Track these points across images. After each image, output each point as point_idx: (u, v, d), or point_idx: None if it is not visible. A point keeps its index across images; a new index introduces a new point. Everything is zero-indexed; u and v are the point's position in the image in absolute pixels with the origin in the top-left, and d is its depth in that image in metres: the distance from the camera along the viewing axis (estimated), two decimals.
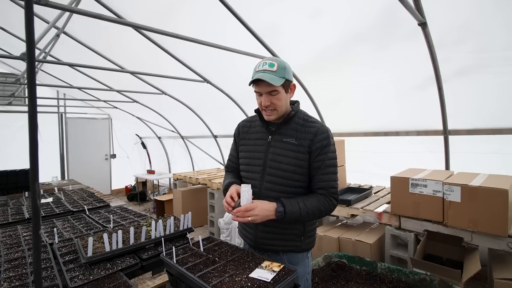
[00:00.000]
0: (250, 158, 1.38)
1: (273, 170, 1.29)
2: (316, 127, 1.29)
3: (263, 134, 1.36)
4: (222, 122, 5.15)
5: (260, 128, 1.39)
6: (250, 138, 1.41)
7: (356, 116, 3.47)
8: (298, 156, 1.26)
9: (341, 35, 2.66)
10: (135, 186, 7.23)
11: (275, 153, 1.30)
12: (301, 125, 1.31)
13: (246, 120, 1.51)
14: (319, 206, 1.24)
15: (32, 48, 0.67)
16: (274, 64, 1.21)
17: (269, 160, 1.31)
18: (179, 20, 2.92)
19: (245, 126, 1.48)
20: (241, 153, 1.45)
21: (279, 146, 1.30)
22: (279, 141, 1.31)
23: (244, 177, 1.40)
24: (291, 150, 1.28)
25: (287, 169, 1.27)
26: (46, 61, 3.06)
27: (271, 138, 1.33)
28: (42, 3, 1.51)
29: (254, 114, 1.44)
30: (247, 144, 1.42)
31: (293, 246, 1.32)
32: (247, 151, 1.41)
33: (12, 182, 3.66)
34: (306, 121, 1.33)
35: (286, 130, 1.31)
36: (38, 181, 0.69)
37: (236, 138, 1.51)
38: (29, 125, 0.67)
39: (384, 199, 2.88)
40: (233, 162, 1.52)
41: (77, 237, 1.67)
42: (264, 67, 1.21)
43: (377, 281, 1.92)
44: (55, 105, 6.61)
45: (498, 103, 2.49)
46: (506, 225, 1.87)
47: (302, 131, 1.29)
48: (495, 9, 2.02)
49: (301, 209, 1.20)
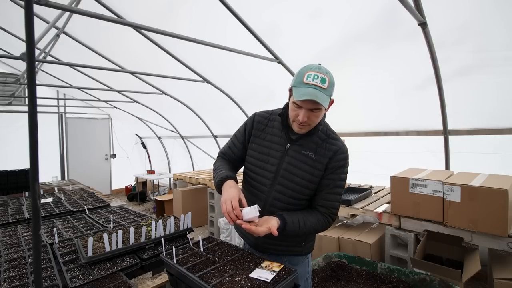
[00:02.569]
0: (262, 161, 1.28)
1: (285, 180, 1.23)
2: (338, 146, 1.24)
3: (281, 139, 1.27)
4: (222, 122, 5.15)
5: (279, 132, 1.28)
6: (265, 139, 1.30)
7: (356, 116, 3.47)
8: (314, 172, 1.21)
9: (341, 35, 2.66)
10: (135, 186, 7.23)
11: (290, 163, 1.23)
12: (322, 140, 1.24)
13: (262, 116, 1.35)
14: (317, 226, 1.22)
15: (32, 48, 0.66)
16: (326, 80, 1.08)
17: (283, 169, 1.24)
18: (179, 20, 2.92)
19: (261, 122, 1.33)
20: (250, 151, 1.33)
21: (297, 158, 1.23)
22: (297, 152, 1.23)
23: (251, 178, 1.32)
24: (308, 164, 1.22)
25: (300, 183, 1.22)
26: (46, 61, 3.07)
27: (289, 146, 1.25)
28: (42, 3, 1.51)
29: (271, 112, 1.35)
30: (260, 144, 1.31)
31: (294, 251, 1.33)
32: (260, 152, 1.30)
33: (12, 182, 3.66)
34: (328, 136, 1.26)
35: (307, 142, 1.24)
36: (38, 181, 0.69)
37: (247, 130, 1.35)
38: (29, 125, 0.67)
39: (384, 199, 2.88)
40: (234, 153, 1.38)
41: (77, 237, 1.67)
42: (315, 82, 1.07)
43: (377, 281, 1.92)
44: (55, 105, 6.61)
45: (498, 103, 2.49)
46: (506, 225, 1.87)
47: (323, 147, 1.23)
48: (495, 9, 2.02)
49: (300, 229, 1.18)
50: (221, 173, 1.25)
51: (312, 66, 1.12)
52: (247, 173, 1.36)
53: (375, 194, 3.11)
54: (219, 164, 1.35)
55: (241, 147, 1.37)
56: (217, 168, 1.32)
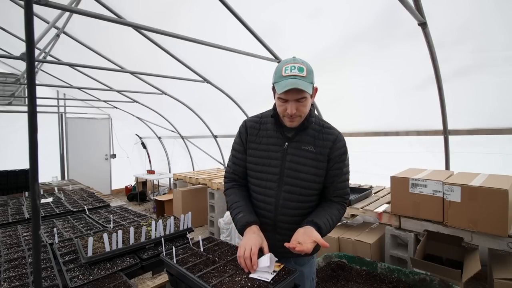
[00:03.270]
0: (263, 165, 1.27)
1: (291, 179, 1.23)
2: (334, 134, 1.25)
3: (278, 139, 1.26)
4: (222, 122, 5.15)
5: (274, 133, 1.27)
6: (262, 142, 1.29)
7: (356, 116, 3.47)
8: (318, 165, 1.22)
9: (341, 35, 2.66)
10: (135, 186, 7.23)
11: (293, 161, 1.23)
12: (317, 131, 1.25)
13: (253, 120, 1.35)
14: (339, 217, 1.26)
15: (32, 48, 0.67)
16: (303, 69, 1.11)
17: (287, 169, 1.23)
18: (179, 20, 2.92)
19: (253, 127, 1.33)
20: (249, 157, 1.32)
21: (298, 154, 1.23)
22: (297, 148, 1.23)
23: (256, 185, 1.30)
24: (310, 158, 1.22)
25: (307, 178, 1.22)
26: (46, 61, 3.06)
27: (287, 145, 1.24)
28: (42, 3, 1.51)
29: (261, 114, 1.36)
30: (257, 149, 1.29)
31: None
32: (259, 157, 1.28)
33: (12, 182, 3.66)
34: (322, 126, 1.27)
35: (304, 137, 1.24)
36: (38, 181, 0.69)
37: (242, 138, 1.35)
38: (29, 125, 0.67)
39: (384, 199, 2.88)
40: (241, 166, 1.35)
41: (77, 237, 1.67)
42: (293, 72, 1.09)
43: (377, 281, 1.92)
44: (55, 105, 6.61)
45: (498, 103, 2.49)
46: (506, 225, 1.87)
47: (320, 138, 1.24)
48: (495, 9, 2.02)
49: (331, 227, 1.20)
50: (243, 218, 1.21)
51: (287, 60, 1.16)
52: (250, 181, 1.34)
53: (375, 194, 3.11)
54: (235, 199, 1.31)
55: (244, 156, 1.35)
56: (234, 206, 1.28)
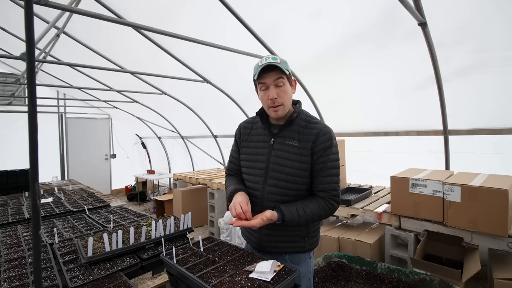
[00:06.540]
0: (252, 161, 1.35)
1: (276, 173, 1.27)
2: (318, 128, 1.26)
3: (265, 136, 1.34)
4: (222, 122, 5.15)
5: (262, 131, 1.36)
6: (252, 141, 1.39)
7: (356, 116, 3.47)
8: (301, 159, 1.24)
9: (341, 35, 2.66)
10: (135, 186, 7.23)
11: (277, 156, 1.28)
12: (303, 127, 1.28)
13: (247, 122, 1.47)
14: (319, 211, 1.23)
15: (32, 48, 0.67)
16: (277, 58, 1.21)
17: (272, 163, 1.28)
18: (179, 20, 2.92)
19: (246, 127, 1.44)
20: (242, 155, 1.42)
21: (282, 149, 1.27)
22: (282, 143, 1.28)
23: (246, 180, 1.39)
24: (294, 153, 1.25)
25: (291, 172, 1.25)
26: (46, 61, 3.07)
27: (273, 141, 1.31)
28: (42, 3, 1.51)
29: (255, 116, 1.42)
30: (249, 147, 1.40)
31: (297, 247, 1.32)
32: (249, 154, 1.38)
33: (12, 182, 3.66)
34: (309, 122, 1.29)
35: (289, 132, 1.29)
36: (38, 181, 0.69)
37: (237, 139, 1.47)
38: (29, 125, 0.67)
39: (384, 199, 2.88)
40: (235, 164, 1.48)
41: (77, 237, 1.67)
42: (268, 61, 1.20)
43: (377, 281, 1.92)
44: (55, 105, 6.61)
45: (498, 103, 2.49)
46: (506, 225, 1.87)
47: (305, 133, 1.26)
48: (495, 9, 2.02)
49: (300, 217, 1.20)
50: (230, 188, 1.36)
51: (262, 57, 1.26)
52: (243, 176, 1.42)
53: (375, 194, 3.11)
54: (228, 182, 1.46)
55: (239, 157, 1.46)
56: (227, 186, 1.43)
